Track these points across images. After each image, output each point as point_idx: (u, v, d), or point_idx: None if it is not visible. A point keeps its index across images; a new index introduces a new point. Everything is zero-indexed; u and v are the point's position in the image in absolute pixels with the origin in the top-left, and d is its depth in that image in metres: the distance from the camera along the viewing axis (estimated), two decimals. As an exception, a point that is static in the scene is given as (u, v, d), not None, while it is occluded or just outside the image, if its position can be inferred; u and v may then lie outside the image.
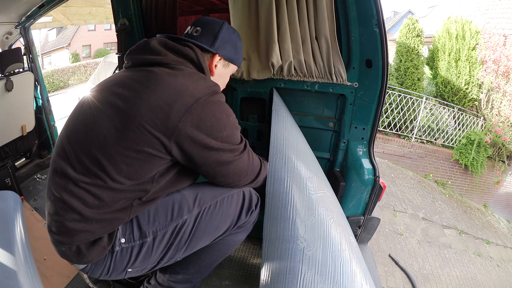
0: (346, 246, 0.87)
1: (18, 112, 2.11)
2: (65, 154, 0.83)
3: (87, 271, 0.91)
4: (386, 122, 6.37)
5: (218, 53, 0.96)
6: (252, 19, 1.33)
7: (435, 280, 3.63)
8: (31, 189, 2.18)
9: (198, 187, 0.98)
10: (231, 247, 1.10)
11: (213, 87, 0.85)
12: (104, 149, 0.78)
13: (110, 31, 19.23)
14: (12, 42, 2.15)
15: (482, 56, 6.88)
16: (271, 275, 0.83)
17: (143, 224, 0.89)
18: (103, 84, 0.90)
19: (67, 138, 0.85)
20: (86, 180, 0.79)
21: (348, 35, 1.25)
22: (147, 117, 0.76)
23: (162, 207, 0.91)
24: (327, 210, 0.93)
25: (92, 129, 0.81)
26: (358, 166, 1.35)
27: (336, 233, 0.88)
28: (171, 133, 0.77)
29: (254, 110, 1.52)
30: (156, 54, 0.86)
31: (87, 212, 0.80)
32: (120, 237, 0.88)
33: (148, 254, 0.91)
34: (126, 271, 0.93)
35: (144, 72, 0.84)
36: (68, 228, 0.81)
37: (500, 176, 7.11)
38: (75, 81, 14.53)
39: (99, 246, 0.85)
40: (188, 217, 0.92)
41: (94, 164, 0.79)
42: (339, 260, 0.81)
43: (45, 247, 1.55)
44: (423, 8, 16.69)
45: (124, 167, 0.79)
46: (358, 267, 0.83)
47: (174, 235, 0.92)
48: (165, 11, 1.54)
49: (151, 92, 0.78)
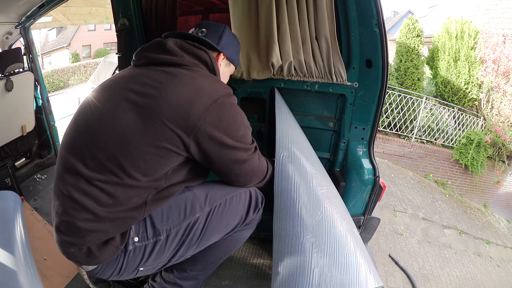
0: (351, 239, 0.92)
1: (18, 112, 2.11)
2: (76, 151, 0.82)
3: (97, 273, 0.90)
4: (386, 122, 6.36)
5: (223, 52, 1.01)
6: (252, 19, 1.33)
7: (435, 280, 3.63)
8: (31, 189, 2.17)
9: (208, 186, 1.01)
10: (238, 243, 1.13)
11: (228, 89, 0.90)
12: (122, 145, 0.79)
13: (110, 31, 19.21)
14: (12, 42, 2.15)
15: (481, 56, 6.88)
16: (283, 269, 0.88)
17: (156, 222, 0.90)
18: (115, 81, 0.90)
19: (78, 134, 0.84)
20: (100, 178, 0.79)
21: (348, 35, 1.25)
22: (168, 114, 0.78)
23: (175, 205, 0.93)
24: (332, 205, 0.98)
25: (108, 125, 0.81)
26: (358, 166, 1.35)
27: (341, 227, 0.93)
28: (191, 130, 0.80)
29: (254, 110, 1.52)
30: (173, 55, 0.89)
31: (101, 212, 0.79)
32: (133, 236, 0.88)
33: (160, 252, 0.93)
34: (138, 270, 0.94)
35: (162, 72, 0.86)
36: (79, 228, 0.80)
37: (500, 176, 7.11)
38: (75, 81, 14.53)
39: (111, 246, 0.84)
40: (200, 215, 0.95)
41: (110, 161, 0.79)
42: (345, 252, 0.87)
43: (45, 247, 1.55)
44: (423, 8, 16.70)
45: (142, 163, 0.79)
46: (362, 258, 0.88)
47: (186, 232, 0.94)
48: (165, 11, 1.53)
49: (171, 91, 0.81)
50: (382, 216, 4.25)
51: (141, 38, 1.51)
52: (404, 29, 6.95)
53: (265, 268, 1.48)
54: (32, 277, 1.11)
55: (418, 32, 6.82)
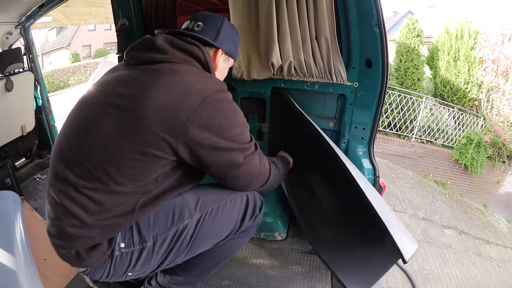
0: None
1: (18, 112, 2.10)
2: (64, 158, 0.81)
3: (88, 274, 0.90)
4: (386, 122, 6.36)
5: (221, 48, 0.95)
6: (252, 19, 1.33)
7: (435, 280, 3.63)
8: (31, 189, 2.17)
9: (200, 190, 0.95)
10: (233, 251, 1.09)
11: (220, 85, 0.84)
12: (107, 152, 0.76)
13: (110, 31, 19.18)
14: (12, 42, 2.15)
15: (481, 55, 6.88)
16: None
17: (143, 229, 0.87)
18: (103, 83, 0.86)
19: (66, 141, 0.83)
20: (87, 185, 0.77)
21: (348, 35, 1.25)
22: (153, 118, 0.74)
23: (163, 211, 0.89)
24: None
25: (92, 131, 0.78)
26: (358, 166, 1.34)
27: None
28: (179, 134, 0.76)
29: (254, 110, 1.52)
30: (163, 53, 0.83)
31: (88, 219, 0.78)
32: (119, 242, 0.86)
33: (148, 259, 0.89)
34: (126, 274, 0.92)
35: (149, 71, 0.81)
36: (68, 233, 0.79)
37: (500, 176, 7.10)
38: (75, 81, 14.53)
39: (98, 251, 0.84)
40: (189, 222, 0.90)
41: (96, 168, 0.77)
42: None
43: (45, 247, 1.55)
44: (423, 8, 16.68)
45: (129, 170, 0.76)
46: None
47: (174, 239, 0.90)
48: (165, 11, 1.54)
49: (157, 92, 0.76)
50: (382, 216, 4.23)
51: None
52: (404, 29, 6.96)
53: (265, 268, 1.48)
54: (32, 277, 1.11)
55: (418, 32, 6.83)
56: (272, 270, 1.45)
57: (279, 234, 1.65)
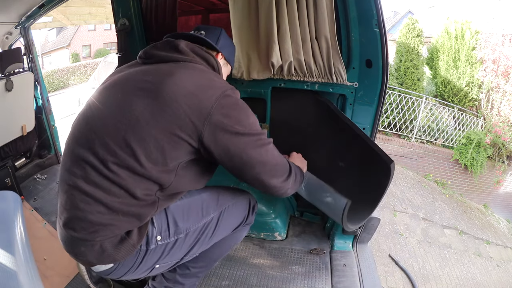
0: None
1: (18, 112, 2.11)
2: (86, 140, 0.81)
3: (109, 273, 0.89)
4: (386, 122, 6.36)
5: (221, 52, 1.05)
6: (252, 19, 1.33)
7: (435, 280, 3.64)
8: (31, 189, 2.17)
9: (217, 190, 1.10)
10: (237, 240, 1.22)
11: (232, 85, 0.93)
12: (134, 130, 0.78)
13: (110, 31, 19.17)
14: (12, 42, 2.15)
15: (481, 56, 6.88)
16: None
17: (179, 220, 0.94)
18: (124, 74, 0.90)
19: (87, 125, 0.84)
20: (111, 168, 0.78)
21: (348, 35, 1.25)
22: (181, 101, 0.80)
23: (194, 205, 1.00)
24: None
25: (120, 112, 0.81)
26: (358, 166, 1.34)
27: None
28: (204, 118, 0.80)
29: (254, 110, 1.51)
30: (185, 55, 0.93)
31: (114, 203, 0.78)
32: (156, 234, 0.90)
33: (177, 250, 0.97)
34: (153, 267, 0.96)
35: (173, 66, 0.89)
36: (91, 222, 0.77)
37: (500, 176, 7.10)
38: (75, 81, 14.53)
39: (127, 244, 0.83)
40: (214, 215, 1.03)
41: (122, 148, 0.78)
42: None
43: (45, 247, 1.55)
44: (423, 8, 16.68)
45: (154, 151, 0.79)
46: None
47: (202, 231, 1.01)
48: (165, 11, 1.54)
49: (183, 79, 0.83)
50: (382, 216, 4.23)
51: (141, 38, 1.51)
52: (404, 29, 6.96)
53: (265, 268, 1.48)
54: (32, 277, 1.11)
55: (418, 32, 6.83)
56: (272, 270, 1.46)
57: (279, 234, 1.66)
